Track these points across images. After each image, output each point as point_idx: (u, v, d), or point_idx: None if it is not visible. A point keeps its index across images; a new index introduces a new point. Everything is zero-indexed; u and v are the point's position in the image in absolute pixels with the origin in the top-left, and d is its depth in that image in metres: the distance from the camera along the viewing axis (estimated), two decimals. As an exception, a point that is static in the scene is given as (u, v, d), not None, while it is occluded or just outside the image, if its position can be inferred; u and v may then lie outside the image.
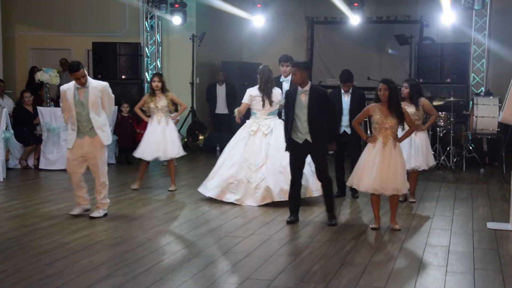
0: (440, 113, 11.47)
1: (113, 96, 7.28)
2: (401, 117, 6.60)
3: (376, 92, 6.68)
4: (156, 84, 8.90)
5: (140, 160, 9.11)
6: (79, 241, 6.10)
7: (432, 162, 8.27)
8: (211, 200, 8.29)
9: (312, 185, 7.95)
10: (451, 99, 11.56)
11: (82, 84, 6.99)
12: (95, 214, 7.17)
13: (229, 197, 8.05)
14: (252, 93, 8.25)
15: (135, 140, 11.95)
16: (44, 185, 10.00)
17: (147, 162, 9.10)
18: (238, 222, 7.06)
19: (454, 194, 9.04)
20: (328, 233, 6.64)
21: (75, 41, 14.66)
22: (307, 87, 6.88)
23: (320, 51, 15.93)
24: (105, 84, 7.19)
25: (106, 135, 7.12)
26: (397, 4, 15.08)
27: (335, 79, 15.19)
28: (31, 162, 11.33)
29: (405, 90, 8.08)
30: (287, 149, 7.03)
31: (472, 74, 12.78)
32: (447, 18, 12.69)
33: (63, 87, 7.17)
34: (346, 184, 7.11)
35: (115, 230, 6.60)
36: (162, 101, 8.90)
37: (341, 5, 13.14)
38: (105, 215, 7.24)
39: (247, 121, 8.36)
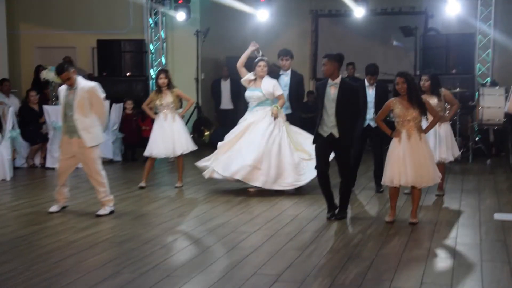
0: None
1: (103, 96, 7.21)
2: (423, 108, 6.54)
3: (394, 86, 6.63)
4: (163, 81, 8.88)
5: (146, 157, 9.11)
6: (86, 239, 6.12)
7: (457, 152, 8.21)
8: (217, 196, 8.30)
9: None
10: (457, 90, 11.50)
11: (70, 85, 7.04)
12: (101, 212, 7.18)
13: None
14: (249, 75, 8.70)
15: (141, 136, 11.98)
16: (51, 183, 9.98)
17: (153, 160, 9.09)
18: (244, 218, 7.06)
19: (461, 186, 9.01)
20: (334, 227, 6.63)
21: (80, 39, 14.67)
22: (338, 80, 6.81)
23: (325, 44, 15.86)
24: (93, 84, 7.17)
25: (91, 137, 7.07)
26: (402, -4, 15.00)
27: (341, 73, 15.16)
28: (37, 161, 11.36)
29: (426, 83, 7.98)
30: (314, 141, 6.99)
31: (478, 64, 12.72)
32: (452, 9, 12.63)
33: (60, 87, 7.27)
34: (381, 183, 7.03)
35: (122, 228, 6.61)
36: (167, 98, 8.88)
37: (345, -2, 13.10)
38: (112, 212, 7.25)
39: (246, 113, 8.67)
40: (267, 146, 8.19)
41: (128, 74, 13.97)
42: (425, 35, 14.00)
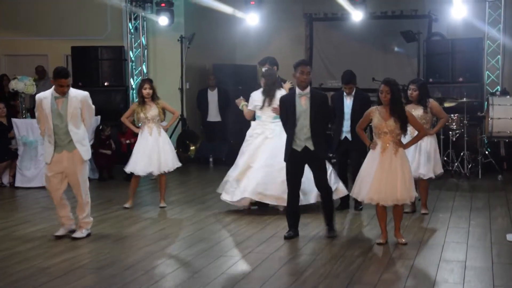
0: (452, 115, 11.52)
1: (93, 107, 7.27)
2: (403, 122, 6.60)
3: (378, 94, 6.72)
4: (148, 91, 8.87)
5: (127, 175, 9.10)
6: (61, 266, 6.09)
7: (439, 170, 8.28)
8: (205, 216, 8.30)
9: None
10: (464, 99, 11.58)
11: (64, 93, 7.00)
12: (77, 234, 7.16)
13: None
14: (253, 97, 8.60)
15: (120, 152, 11.94)
16: (21, 204, 9.98)
17: (138, 177, 9.07)
18: (234, 240, 7.07)
19: (470, 204, 9.06)
20: (332, 249, 6.65)
21: (52, 46, 14.67)
22: (308, 90, 6.95)
23: (320, 50, 15.96)
24: (85, 94, 7.19)
25: (86, 149, 7.11)
26: (403, -2, 15.13)
27: (337, 81, 15.20)
28: (6, 179, 11.31)
29: (414, 93, 8.09)
30: (285, 159, 7.08)
31: (487, 72, 12.83)
32: (457, 12, 12.73)
33: (39, 96, 7.16)
34: (350, 195, 7.12)
35: (100, 252, 6.59)
36: (152, 110, 8.88)
37: (342, 0, 13.19)
38: (89, 235, 7.24)
39: (252, 123, 8.64)
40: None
41: (106, 84, 13.98)
42: (428, 40, 14.11)
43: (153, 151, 8.83)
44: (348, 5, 13.23)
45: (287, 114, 7.04)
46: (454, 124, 11.55)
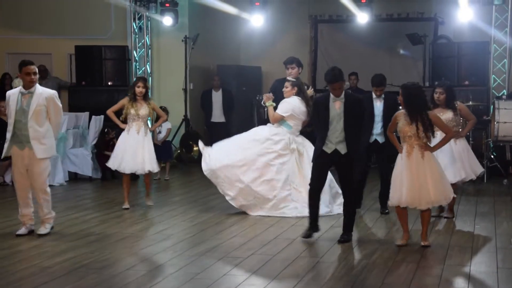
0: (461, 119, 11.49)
1: (60, 106, 7.27)
2: (426, 124, 6.59)
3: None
4: (141, 90, 8.86)
5: (132, 174, 9.09)
6: (62, 265, 6.09)
7: (479, 169, 8.22)
8: (207, 217, 8.29)
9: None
10: (470, 103, 11.55)
11: (31, 82, 7.03)
12: (42, 230, 7.20)
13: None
14: (294, 103, 8.50)
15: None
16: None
17: (129, 176, 9.05)
18: (237, 241, 7.05)
19: (475, 208, 9.04)
20: (336, 252, 6.63)
21: (56, 45, 14.68)
22: (342, 95, 6.97)
23: (325, 52, 15.96)
24: (52, 92, 7.23)
25: (43, 148, 7.09)
26: (409, 0, 15.11)
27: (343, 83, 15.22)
28: (8, 178, 11.31)
29: (441, 96, 8.02)
30: (314, 159, 7.14)
31: (493, 75, 12.80)
32: (464, 15, 12.71)
33: (8, 92, 7.27)
34: (388, 203, 7.08)
35: (102, 252, 6.58)
36: (144, 109, 8.86)
37: (347, 2, 13.19)
38: (52, 227, 7.31)
39: (274, 128, 8.55)
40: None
41: (109, 83, 14.00)
42: (434, 43, 14.10)
43: (138, 150, 8.81)
44: (353, 7, 13.23)
45: (319, 116, 7.06)
46: (459, 127, 11.49)
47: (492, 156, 11.85)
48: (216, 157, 8.47)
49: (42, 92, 7.13)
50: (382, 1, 14.44)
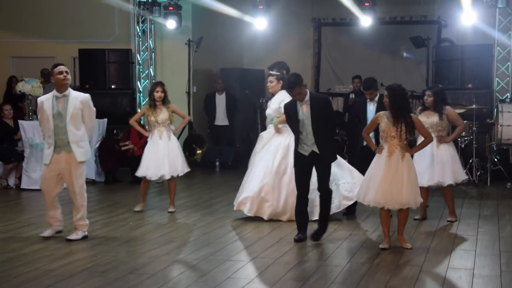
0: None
1: (94, 109, 7.31)
2: (409, 126, 6.69)
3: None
4: (160, 95, 8.84)
5: (133, 178, 9.09)
6: (66, 268, 6.10)
7: (462, 177, 8.18)
8: (211, 221, 8.30)
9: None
10: (473, 106, 11.54)
11: (65, 80, 7.05)
12: (73, 236, 7.19)
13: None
14: None
15: (123, 157, 11.92)
16: (27, 206, 10.00)
17: (148, 181, 9.04)
18: (240, 245, 7.06)
19: (478, 211, 9.02)
20: (339, 256, 6.64)
21: (60, 48, 14.71)
22: (307, 97, 7.07)
23: (328, 55, 15.97)
24: (87, 96, 7.25)
25: (82, 151, 7.13)
26: (412, 3, 15.12)
27: (345, 86, 15.25)
28: (12, 181, 11.35)
29: (428, 99, 8.07)
30: (295, 163, 7.19)
31: (496, 78, 12.79)
32: (467, 18, 12.71)
33: (40, 98, 7.27)
34: (354, 198, 7.27)
35: (105, 255, 6.59)
36: (163, 114, 8.84)
37: (350, 5, 13.20)
38: (85, 237, 7.27)
39: (285, 132, 8.41)
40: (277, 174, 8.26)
41: (113, 86, 14.02)
42: (438, 46, 14.10)
43: (163, 155, 8.79)
44: (357, 10, 13.24)
45: (291, 121, 7.18)
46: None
47: (496, 159, 11.83)
48: None
49: (76, 95, 7.14)
50: (385, 4, 14.44)
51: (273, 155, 8.28)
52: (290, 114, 7.15)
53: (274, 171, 8.21)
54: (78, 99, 7.12)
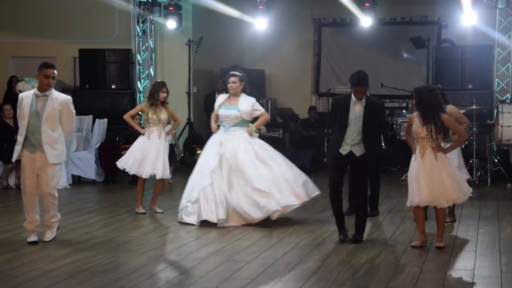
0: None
1: (74, 112, 7.20)
2: (438, 126, 6.74)
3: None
4: (165, 95, 8.83)
5: (133, 179, 9.04)
6: (65, 268, 6.09)
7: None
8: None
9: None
10: (474, 107, 11.54)
11: (48, 85, 6.96)
12: (48, 237, 7.12)
13: None
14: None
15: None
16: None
17: (144, 180, 9.02)
18: (239, 245, 7.05)
19: (479, 212, 9.01)
20: (339, 256, 6.62)
21: (60, 48, 14.70)
22: (364, 99, 7.04)
23: (329, 55, 15.96)
24: (67, 97, 7.16)
25: (55, 153, 7.01)
26: (413, 4, 15.12)
27: (345, 86, 15.22)
28: (12, 181, 11.34)
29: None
30: (329, 159, 7.24)
31: (496, 79, 12.79)
32: (468, 19, 12.70)
33: (22, 94, 7.15)
34: (406, 204, 7.15)
35: (104, 256, 6.58)
36: (164, 114, 8.81)
37: (351, 6, 13.19)
38: (58, 228, 7.26)
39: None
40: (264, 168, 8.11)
41: (113, 86, 14.01)
42: (438, 47, 14.10)
43: (159, 154, 8.78)
44: (357, 10, 13.23)
45: (337, 116, 7.11)
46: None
47: (496, 160, 11.82)
48: None
49: (57, 96, 7.06)
50: (385, 4, 14.44)
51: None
52: (340, 109, 7.06)
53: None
54: (58, 99, 7.02)
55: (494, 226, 8.10)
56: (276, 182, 7.98)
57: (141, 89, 14.35)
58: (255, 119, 8.37)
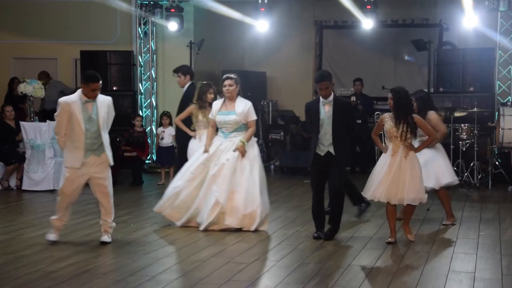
0: (462, 125, 11.52)
1: (114, 113, 7.30)
2: (411, 126, 7.04)
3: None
4: (213, 96, 8.78)
5: (133, 181, 9.06)
6: (66, 270, 6.09)
7: (445, 180, 8.12)
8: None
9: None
10: (475, 109, 11.56)
11: (95, 96, 6.98)
12: (105, 239, 7.15)
13: None
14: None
15: (125, 159, 11.92)
16: (28, 208, 10.00)
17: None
18: (240, 247, 7.05)
19: (480, 215, 9.02)
20: (340, 258, 6.63)
21: (61, 50, 14.73)
22: (331, 98, 7.29)
23: (330, 58, 15.97)
24: (110, 98, 7.20)
25: (111, 155, 7.13)
26: (414, 6, 15.12)
27: (346, 88, 15.25)
28: (13, 182, 11.34)
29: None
30: (311, 162, 7.36)
31: (498, 82, 12.79)
32: (469, 21, 12.69)
33: (66, 100, 6.98)
34: (362, 193, 7.41)
35: (105, 257, 6.59)
36: (200, 116, 8.72)
37: (352, 8, 13.19)
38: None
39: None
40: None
41: (114, 88, 14.02)
42: (439, 49, 14.11)
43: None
44: (358, 13, 13.23)
45: (311, 120, 7.39)
46: (464, 134, 11.54)
47: (497, 163, 11.83)
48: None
49: (103, 100, 7.08)
50: (387, 7, 14.46)
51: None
52: (312, 112, 7.34)
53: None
54: (105, 103, 7.06)
55: (495, 228, 8.10)
56: (236, 201, 7.75)
57: (142, 91, 14.37)
58: None
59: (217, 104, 8.14)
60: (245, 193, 7.73)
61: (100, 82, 7.00)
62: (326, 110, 7.26)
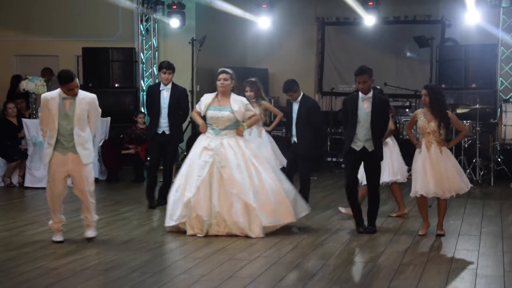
0: (465, 121, 11.49)
1: (100, 110, 7.23)
2: (445, 122, 7.26)
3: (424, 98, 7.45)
4: (249, 94, 8.85)
5: (136, 177, 9.06)
6: (68, 267, 6.10)
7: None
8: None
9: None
10: (477, 106, 11.55)
11: (75, 94, 6.97)
12: (91, 234, 7.14)
13: None
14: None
15: (127, 156, 11.93)
16: (30, 205, 10.01)
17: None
18: (242, 244, 7.05)
19: (482, 211, 9.02)
20: (342, 255, 6.63)
21: (63, 47, 14.73)
22: (370, 94, 7.39)
23: (332, 54, 15.95)
24: (93, 96, 7.15)
25: (87, 153, 7.02)
26: (416, 3, 15.10)
27: (348, 85, 15.23)
28: (15, 179, 11.36)
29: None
30: (344, 155, 7.55)
31: (500, 78, 12.78)
32: (471, 17, 12.69)
33: (45, 95, 7.09)
34: (410, 195, 7.46)
35: (108, 254, 6.59)
36: (255, 110, 8.32)
37: (354, 5, 13.18)
38: None
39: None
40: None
41: (116, 85, 14.03)
42: (441, 46, 14.08)
43: (267, 150, 8.86)
44: (360, 9, 13.23)
45: (348, 115, 7.45)
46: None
47: (499, 159, 11.82)
48: None
49: (84, 97, 7.03)
50: (389, 3, 14.43)
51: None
52: (350, 108, 7.41)
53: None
54: (85, 100, 7.02)
55: (497, 225, 8.10)
56: (263, 199, 7.36)
57: (144, 88, 14.36)
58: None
59: (207, 98, 7.79)
60: (269, 189, 7.38)
61: (76, 80, 6.93)
62: (365, 106, 7.35)
